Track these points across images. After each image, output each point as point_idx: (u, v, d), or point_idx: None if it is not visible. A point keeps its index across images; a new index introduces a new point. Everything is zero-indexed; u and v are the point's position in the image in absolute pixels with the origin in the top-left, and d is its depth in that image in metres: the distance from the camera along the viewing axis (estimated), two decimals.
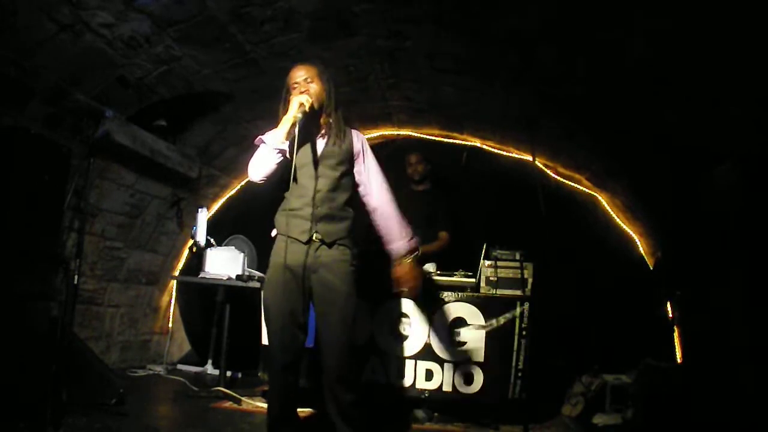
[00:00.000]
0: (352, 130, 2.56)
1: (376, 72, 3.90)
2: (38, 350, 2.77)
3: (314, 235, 2.35)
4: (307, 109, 2.32)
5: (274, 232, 2.50)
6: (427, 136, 5.04)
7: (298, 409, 2.51)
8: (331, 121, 2.47)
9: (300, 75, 2.42)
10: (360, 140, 2.55)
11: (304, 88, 2.38)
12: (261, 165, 2.33)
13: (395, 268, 2.54)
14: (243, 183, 5.30)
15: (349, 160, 2.49)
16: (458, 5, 2.96)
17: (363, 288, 2.52)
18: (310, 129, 2.43)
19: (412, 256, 2.54)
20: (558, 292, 3.97)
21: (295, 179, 2.37)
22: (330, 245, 2.38)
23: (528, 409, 3.30)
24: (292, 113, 2.29)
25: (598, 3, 2.63)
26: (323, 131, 2.47)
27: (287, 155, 2.33)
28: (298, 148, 2.36)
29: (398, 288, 2.57)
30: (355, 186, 2.54)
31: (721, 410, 2.78)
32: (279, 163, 2.33)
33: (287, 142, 2.31)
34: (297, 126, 2.28)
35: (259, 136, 2.40)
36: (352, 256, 2.45)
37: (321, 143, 2.45)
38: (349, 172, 2.50)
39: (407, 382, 3.46)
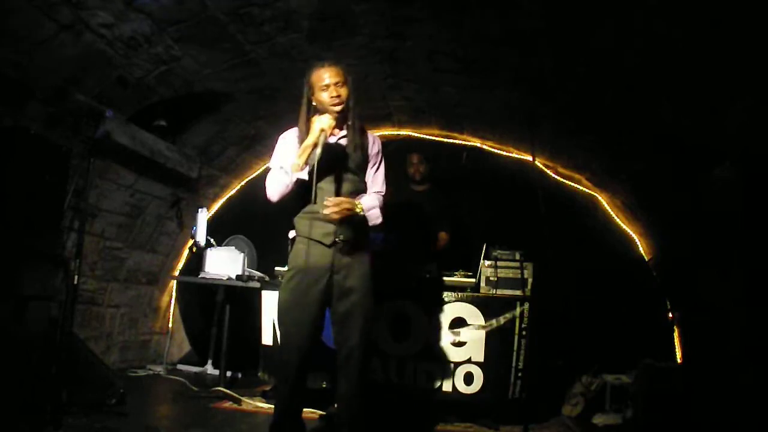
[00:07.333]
0: (369, 134, 2.56)
1: (376, 72, 3.90)
2: (38, 350, 2.77)
3: (339, 238, 2.36)
4: (328, 134, 2.33)
5: (292, 234, 2.50)
6: (428, 136, 5.04)
7: (305, 409, 2.50)
8: (350, 124, 2.47)
9: (330, 76, 2.38)
10: (377, 145, 2.56)
11: (336, 92, 2.36)
12: (280, 189, 2.36)
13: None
14: (243, 183, 5.31)
15: (366, 163, 2.51)
16: (458, 5, 2.96)
17: None
18: (333, 133, 2.44)
19: (358, 205, 2.39)
20: (558, 292, 3.97)
21: (317, 183, 2.35)
22: (351, 247, 2.39)
23: (528, 409, 3.30)
24: (312, 140, 2.30)
25: (598, 3, 2.64)
26: (344, 134, 2.47)
27: (306, 179, 2.34)
28: (321, 154, 2.37)
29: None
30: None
31: (721, 410, 2.78)
32: (298, 186, 2.36)
33: (307, 168, 2.33)
34: (318, 147, 2.27)
35: (275, 160, 2.42)
36: (370, 258, 2.46)
37: (342, 147, 2.46)
38: (366, 175, 2.52)
39: (407, 382, 3.46)
